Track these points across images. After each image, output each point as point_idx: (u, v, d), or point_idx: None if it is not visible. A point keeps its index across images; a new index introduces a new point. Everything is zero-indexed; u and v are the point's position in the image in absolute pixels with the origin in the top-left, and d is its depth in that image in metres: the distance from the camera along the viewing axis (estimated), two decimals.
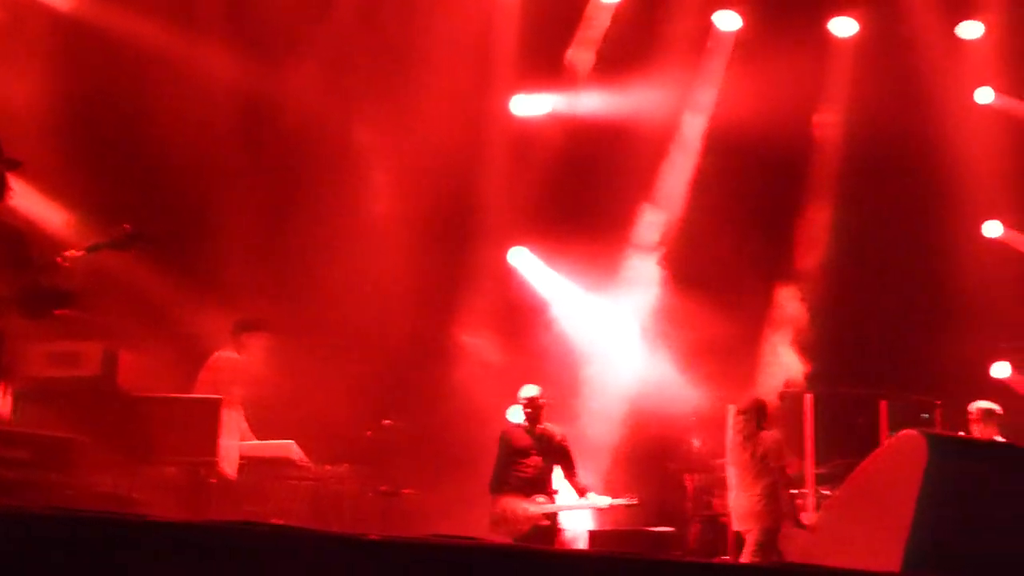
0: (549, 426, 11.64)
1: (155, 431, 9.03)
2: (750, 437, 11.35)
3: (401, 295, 13.99)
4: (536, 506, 11.15)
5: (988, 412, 11.65)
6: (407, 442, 12.65)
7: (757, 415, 11.53)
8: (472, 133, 15.08)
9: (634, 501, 11.74)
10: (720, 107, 15.85)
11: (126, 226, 7.89)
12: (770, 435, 11.42)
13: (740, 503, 11.32)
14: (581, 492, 11.53)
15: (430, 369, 14.24)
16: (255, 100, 14.06)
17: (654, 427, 14.65)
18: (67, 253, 7.83)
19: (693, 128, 15.92)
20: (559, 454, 11.59)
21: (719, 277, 14.89)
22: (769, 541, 10.95)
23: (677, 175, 15.82)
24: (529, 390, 11.65)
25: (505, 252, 15.66)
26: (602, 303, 15.54)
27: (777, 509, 11.12)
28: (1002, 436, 11.52)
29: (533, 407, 11.56)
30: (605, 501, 11.54)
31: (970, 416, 11.79)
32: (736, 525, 11.60)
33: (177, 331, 12.46)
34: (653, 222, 15.68)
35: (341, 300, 13.57)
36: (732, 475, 11.55)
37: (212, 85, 13.74)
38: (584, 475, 11.91)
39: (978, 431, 11.59)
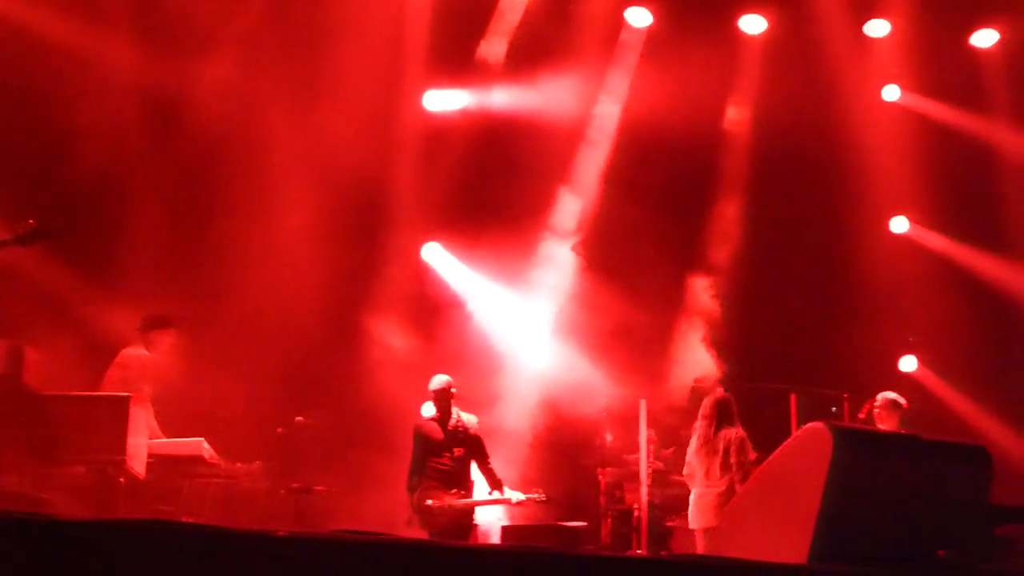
0: (463, 417, 11.49)
1: (62, 429, 8.89)
2: (716, 433, 11.38)
3: (313, 292, 13.88)
4: (452, 501, 11.06)
5: (893, 403, 11.79)
6: (320, 439, 12.59)
7: (721, 411, 11.56)
8: (385, 128, 15.02)
9: (543, 497, 11.62)
10: (633, 101, 15.94)
11: (30, 221, 7.75)
12: (733, 431, 11.42)
13: (704, 499, 11.29)
14: (495, 485, 11.41)
15: (343, 366, 14.17)
16: (164, 94, 13.87)
17: (567, 422, 14.71)
18: None
19: (606, 121, 15.99)
20: (474, 446, 11.46)
21: (633, 267, 14.98)
22: None
23: (590, 167, 15.88)
24: (439, 380, 11.49)
25: (419, 247, 15.61)
26: (516, 297, 15.56)
27: None
28: (904, 428, 11.67)
29: (443, 398, 11.40)
30: (517, 496, 11.42)
31: (875, 407, 11.90)
32: (694, 522, 11.50)
33: (83, 328, 12.27)
34: (570, 210, 15.74)
35: (252, 297, 13.45)
36: (697, 471, 11.49)
37: (119, 79, 13.53)
38: (498, 467, 11.78)
39: (882, 422, 11.71)
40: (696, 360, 15.33)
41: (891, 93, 16.72)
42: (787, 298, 15.99)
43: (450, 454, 11.28)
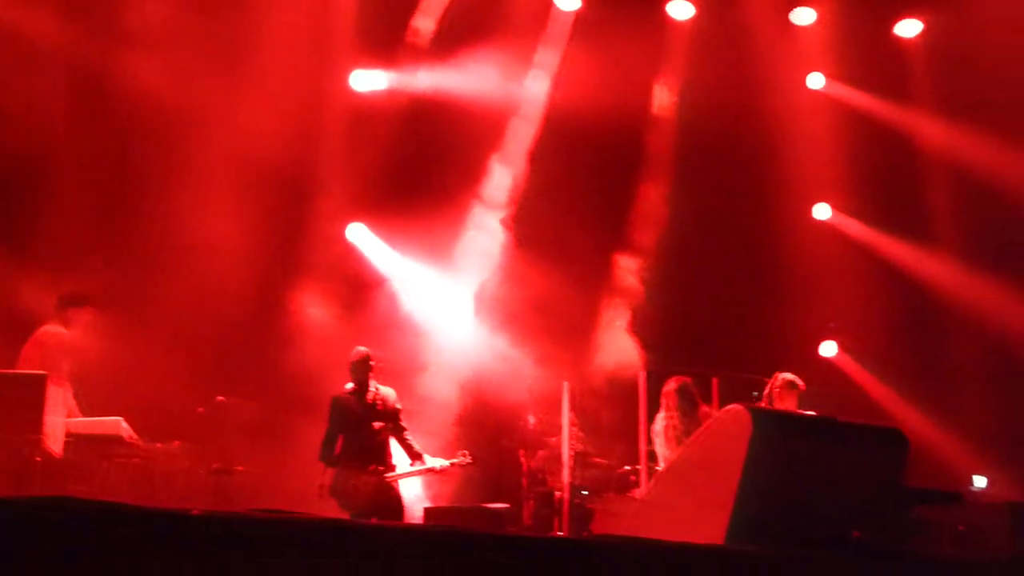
0: (382, 390, 11.20)
1: None
2: (690, 423, 11.17)
3: (235, 271, 13.75)
4: (368, 477, 10.74)
5: (790, 384, 11.79)
6: (241, 419, 12.49)
7: (687, 398, 11.46)
8: (311, 108, 14.93)
9: (468, 459, 11.37)
10: (561, 83, 15.97)
11: None
12: (707, 411, 11.36)
13: None
14: (415, 456, 11.11)
15: (265, 345, 14.07)
16: (86, 71, 13.69)
17: (490, 403, 14.72)
18: None
19: (534, 101, 16.01)
20: (391, 419, 11.17)
21: (560, 247, 15.03)
22: None
23: (518, 147, 15.89)
24: (356, 352, 11.23)
25: (344, 228, 15.53)
26: (443, 275, 15.55)
27: None
28: (801, 409, 11.73)
29: (360, 370, 11.08)
30: (440, 463, 11.14)
31: (773, 387, 11.87)
32: None
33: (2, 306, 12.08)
34: (500, 184, 15.75)
35: (173, 275, 13.32)
36: (663, 458, 11.44)
37: (42, 54, 13.33)
38: (416, 439, 11.46)
39: (780, 401, 11.71)
40: (619, 346, 15.41)
41: (816, 81, 16.89)
42: (710, 282, 16.10)
43: (368, 429, 10.97)
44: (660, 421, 11.48)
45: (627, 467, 13.06)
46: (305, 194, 14.97)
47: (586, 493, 12.93)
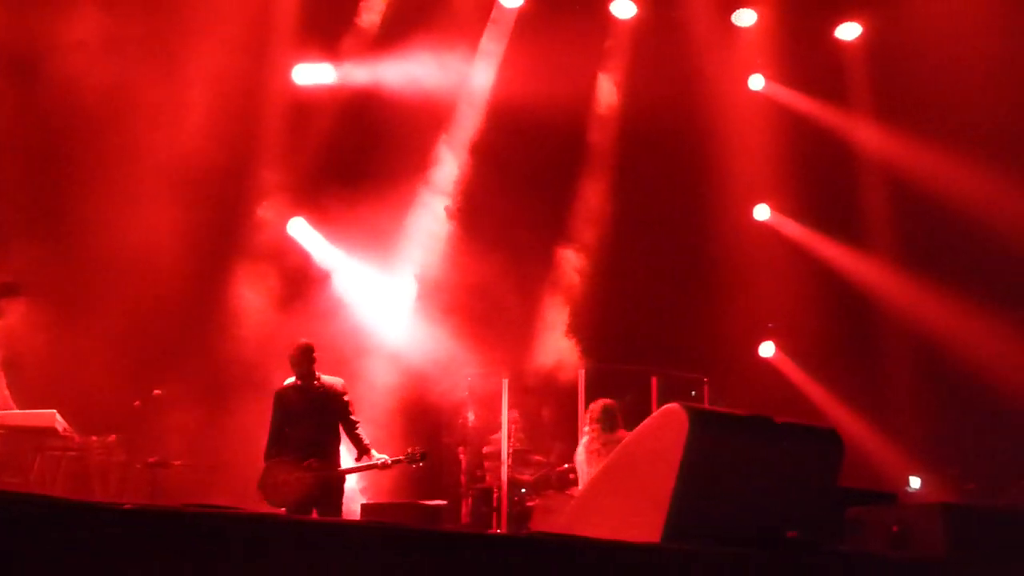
0: (327, 380, 10.66)
1: None
2: (607, 443, 11.24)
3: (173, 263, 13.66)
4: (305, 472, 10.23)
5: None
6: (178, 412, 12.39)
7: (610, 418, 11.51)
8: (252, 101, 14.85)
9: (418, 457, 10.46)
10: (503, 78, 15.99)
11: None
12: (624, 435, 11.32)
13: None
14: (362, 450, 10.49)
15: (203, 338, 13.97)
16: (22, 53, 13.51)
17: (428, 399, 14.70)
18: None
19: (476, 95, 16.02)
20: (338, 409, 10.62)
21: (502, 242, 15.03)
22: None
23: (460, 140, 15.90)
24: (298, 343, 10.70)
25: (284, 222, 15.45)
26: (383, 269, 15.52)
27: None
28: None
29: (300, 362, 10.55)
30: (383, 459, 10.41)
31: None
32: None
33: None
34: (443, 174, 15.76)
35: (111, 265, 13.19)
36: (582, 475, 11.56)
37: None
38: (366, 431, 10.81)
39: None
40: (556, 345, 15.47)
41: (756, 82, 17.00)
42: (651, 281, 16.16)
43: (307, 422, 10.46)
44: (583, 439, 11.66)
45: (566, 465, 13.09)
46: (244, 188, 14.87)
47: (524, 491, 12.95)
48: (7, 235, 12.71)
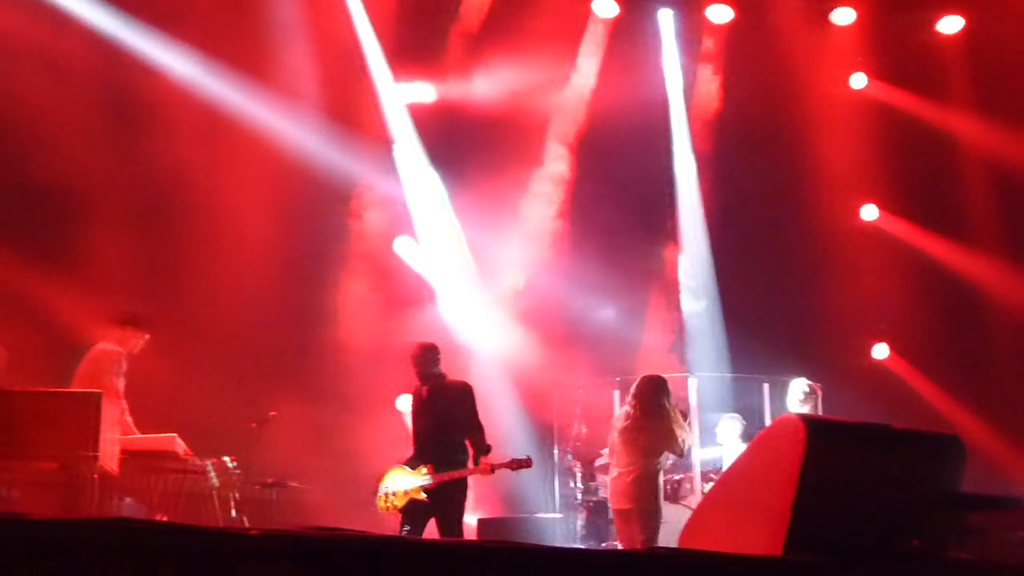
0: (449, 379, 10.38)
1: (33, 427, 8.82)
2: (644, 429, 10.57)
3: (282, 285, 13.92)
4: (413, 478, 9.97)
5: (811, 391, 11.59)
6: (293, 433, 12.54)
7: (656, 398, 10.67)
8: (350, 123, 15.04)
9: (527, 462, 10.19)
10: (602, 85, 16.01)
11: None
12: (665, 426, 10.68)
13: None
14: (484, 453, 9.98)
15: (316, 359, 14.16)
16: (127, 94, 13.82)
17: (542, 413, 14.72)
18: None
19: (576, 103, 16.08)
20: (458, 410, 10.17)
21: (608, 245, 15.09)
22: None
23: (562, 146, 15.97)
24: (419, 342, 10.54)
25: (390, 242, 15.61)
26: (487, 285, 15.61)
27: None
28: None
29: (417, 363, 10.32)
30: (487, 465, 9.94)
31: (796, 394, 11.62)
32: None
33: (47, 325, 12.19)
34: (548, 181, 15.83)
35: (220, 290, 13.45)
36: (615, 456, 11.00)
37: (82, 80, 13.46)
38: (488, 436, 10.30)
39: (802, 408, 11.48)
40: (665, 353, 15.46)
41: (857, 81, 16.79)
42: (758, 285, 16.03)
43: (418, 424, 10.29)
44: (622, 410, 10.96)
45: (679, 476, 13.01)
46: (348, 207, 15.04)
47: None
48: (121, 267, 13.01)
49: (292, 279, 14.16)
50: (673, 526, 11.76)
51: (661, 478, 10.63)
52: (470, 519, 13.02)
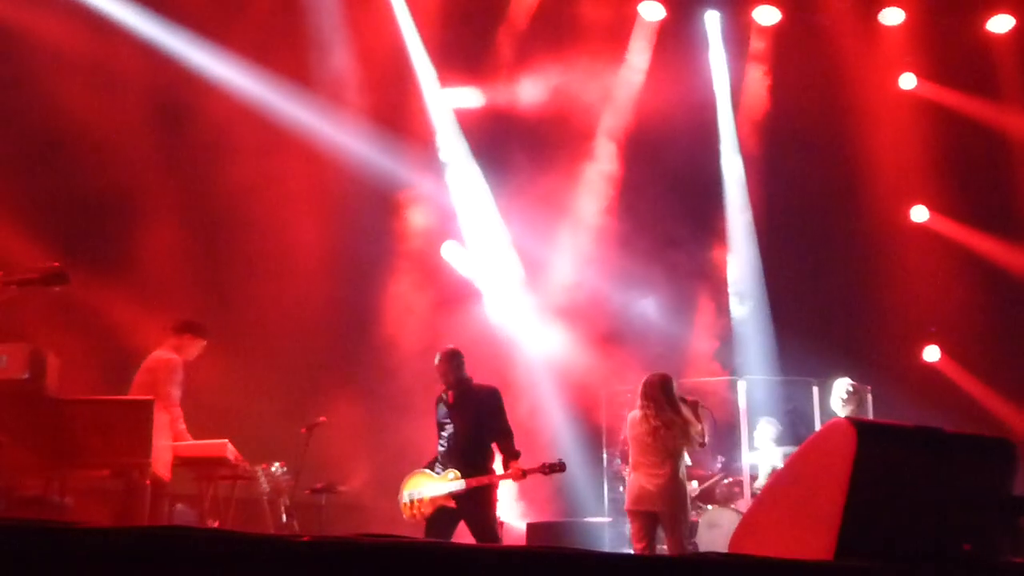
0: (476, 384, 10.30)
1: (86, 434, 8.89)
2: (664, 424, 10.50)
3: (331, 292, 14.00)
4: (441, 484, 9.93)
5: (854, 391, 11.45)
6: (343, 438, 12.61)
7: (668, 396, 10.59)
8: (397, 127, 15.13)
9: (560, 465, 10.08)
10: (650, 86, 16.03)
11: (55, 264, 7.71)
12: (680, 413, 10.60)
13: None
14: (514, 458, 9.95)
15: (364, 364, 14.23)
16: (177, 102, 13.97)
17: (591, 417, 14.71)
18: None
19: (624, 104, 16.10)
20: (486, 415, 10.12)
21: (656, 248, 15.07)
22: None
23: (610, 146, 15.99)
24: (443, 348, 10.42)
25: (439, 246, 15.68)
26: (534, 289, 15.64)
27: None
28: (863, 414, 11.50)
29: (440, 370, 10.25)
30: (518, 470, 9.87)
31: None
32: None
33: (102, 333, 12.32)
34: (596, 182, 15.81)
35: (269, 297, 13.58)
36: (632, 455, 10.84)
37: (132, 84, 13.62)
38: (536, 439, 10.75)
39: (845, 409, 11.36)
40: (714, 356, 15.41)
41: (907, 81, 16.69)
42: (807, 286, 15.97)
43: (448, 430, 10.17)
44: (633, 414, 10.84)
45: (729, 479, 12.97)
46: (397, 213, 15.12)
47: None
48: (174, 276, 13.13)
49: (340, 284, 14.25)
50: (724, 529, 11.79)
51: (685, 477, 10.54)
52: (519, 524, 13.06)
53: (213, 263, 13.85)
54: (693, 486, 13.11)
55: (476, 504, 9.85)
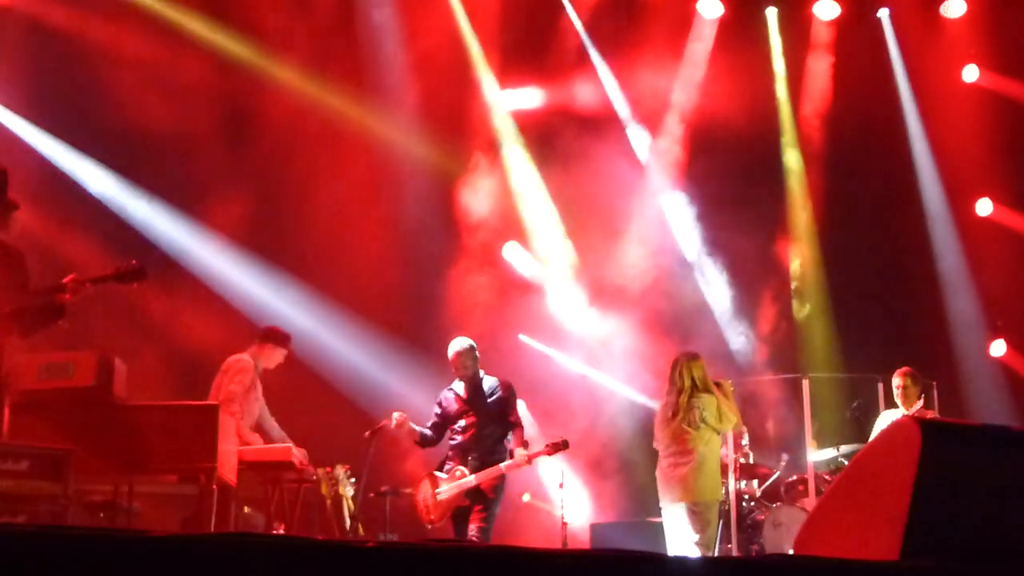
0: (486, 379, 10.40)
1: (153, 439, 8.99)
2: (694, 407, 10.17)
3: (391, 293, 14.08)
4: (452, 484, 10.03)
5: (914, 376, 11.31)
6: (406, 441, 12.67)
7: (700, 376, 10.26)
8: (457, 127, 15.21)
9: (563, 442, 10.05)
10: (709, 81, 15.98)
11: (133, 261, 7.82)
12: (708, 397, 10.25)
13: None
14: (518, 443, 10.02)
15: (425, 366, 14.26)
16: (238, 102, 14.12)
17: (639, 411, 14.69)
18: (70, 279, 7.80)
19: (684, 101, 16.07)
20: (501, 408, 10.24)
21: (719, 243, 15.06)
22: None
23: (671, 145, 15.97)
24: (456, 344, 10.46)
25: (500, 247, 15.72)
26: (593, 286, 15.66)
27: None
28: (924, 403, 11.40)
29: (464, 359, 10.32)
30: (523, 456, 9.87)
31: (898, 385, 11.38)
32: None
33: (166, 340, 12.47)
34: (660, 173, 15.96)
35: (335, 300, 13.70)
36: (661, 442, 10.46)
37: (196, 85, 13.80)
38: (527, 433, 10.46)
39: (903, 398, 11.23)
40: (777, 352, 15.33)
41: (970, 73, 16.51)
42: (871, 281, 15.84)
43: (460, 424, 10.29)
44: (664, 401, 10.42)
45: (794, 476, 12.91)
46: (460, 214, 15.17)
47: (753, 504, 12.80)
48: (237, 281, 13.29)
49: (402, 285, 14.32)
50: (789, 528, 11.72)
51: (718, 465, 10.16)
52: (583, 524, 13.06)
53: (276, 265, 14.01)
54: (754, 485, 13.07)
55: (483, 496, 9.97)
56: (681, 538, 9.95)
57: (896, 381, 11.29)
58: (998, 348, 16.18)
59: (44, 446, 8.22)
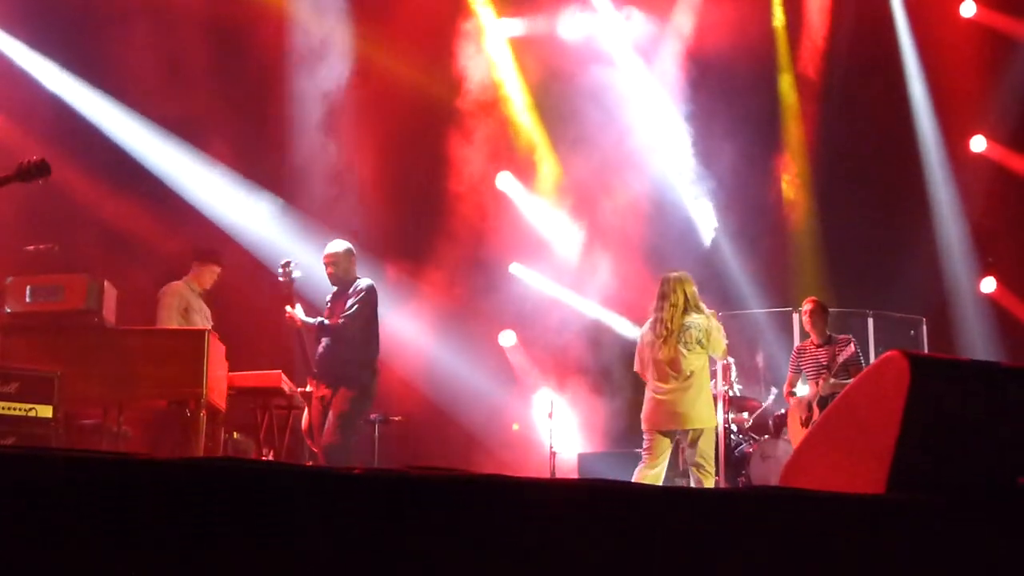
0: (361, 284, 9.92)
1: (143, 364, 9.01)
2: (685, 327, 9.57)
3: (383, 220, 14.08)
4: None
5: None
6: (396, 368, 12.71)
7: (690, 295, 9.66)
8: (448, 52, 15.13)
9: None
10: (705, 17, 15.81)
11: (35, 157, 7.35)
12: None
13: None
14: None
15: (417, 296, 14.28)
16: (228, 25, 14.01)
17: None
18: None
19: (678, 40, 15.94)
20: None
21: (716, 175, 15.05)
22: None
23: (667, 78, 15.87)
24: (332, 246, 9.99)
25: (493, 177, 15.69)
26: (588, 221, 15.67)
27: None
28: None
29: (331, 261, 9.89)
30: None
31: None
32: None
33: (156, 264, 12.42)
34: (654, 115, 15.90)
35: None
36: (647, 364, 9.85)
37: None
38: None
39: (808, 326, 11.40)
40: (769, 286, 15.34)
41: (967, 8, 16.39)
42: (863, 216, 15.81)
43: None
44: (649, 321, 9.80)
45: (783, 410, 12.95)
46: (447, 147, 15.12)
47: (742, 436, 12.86)
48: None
49: (393, 213, 14.30)
50: (776, 461, 11.79)
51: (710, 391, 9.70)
52: (571, 453, 13.12)
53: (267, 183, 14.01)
54: (744, 416, 13.12)
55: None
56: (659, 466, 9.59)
57: (805, 307, 11.47)
58: (988, 285, 16.20)
59: (33, 368, 8.24)
